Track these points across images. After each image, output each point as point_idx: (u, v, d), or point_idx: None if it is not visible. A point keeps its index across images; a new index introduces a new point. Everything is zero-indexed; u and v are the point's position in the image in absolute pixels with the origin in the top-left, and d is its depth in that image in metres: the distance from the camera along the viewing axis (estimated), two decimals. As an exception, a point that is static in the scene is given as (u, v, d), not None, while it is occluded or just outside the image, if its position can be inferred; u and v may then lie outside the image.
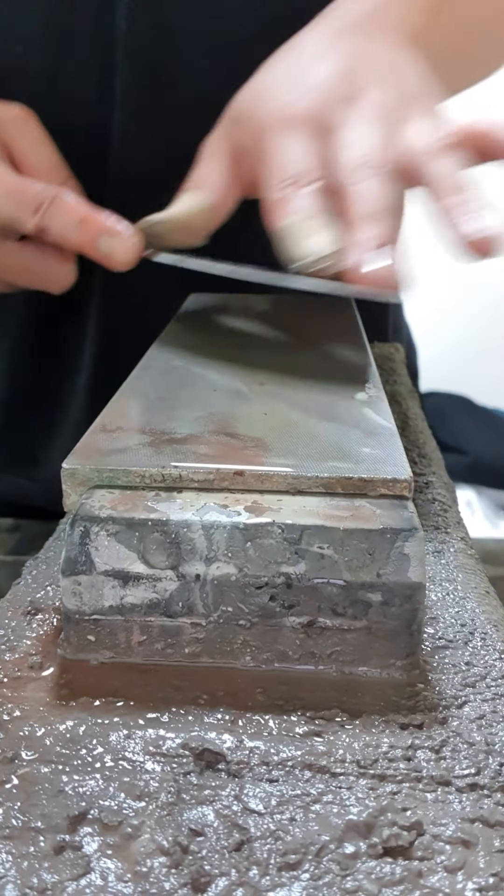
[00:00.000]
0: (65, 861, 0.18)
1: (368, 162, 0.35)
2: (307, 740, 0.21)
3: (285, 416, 0.30)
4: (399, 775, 0.20)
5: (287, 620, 0.24)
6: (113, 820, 0.19)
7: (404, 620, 0.23)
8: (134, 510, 0.24)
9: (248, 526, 0.23)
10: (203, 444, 0.27)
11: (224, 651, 0.24)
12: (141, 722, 0.22)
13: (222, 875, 0.17)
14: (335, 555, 0.23)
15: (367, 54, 0.39)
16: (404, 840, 0.18)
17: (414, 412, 0.47)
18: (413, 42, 0.41)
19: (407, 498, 0.25)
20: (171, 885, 0.17)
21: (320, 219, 0.35)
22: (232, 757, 0.21)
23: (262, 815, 0.19)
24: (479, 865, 0.18)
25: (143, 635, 0.24)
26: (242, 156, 0.40)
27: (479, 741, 0.21)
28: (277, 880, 0.17)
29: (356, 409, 0.31)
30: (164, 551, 0.23)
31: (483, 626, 0.26)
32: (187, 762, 0.20)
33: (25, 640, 0.25)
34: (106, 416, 0.30)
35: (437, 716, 0.22)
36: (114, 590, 0.24)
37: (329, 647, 0.24)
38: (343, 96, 0.37)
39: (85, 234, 0.40)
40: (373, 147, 0.35)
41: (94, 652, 0.24)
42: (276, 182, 0.36)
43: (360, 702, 0.23)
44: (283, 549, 0.23)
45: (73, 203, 0.40)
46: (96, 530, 0.24)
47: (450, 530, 0.33)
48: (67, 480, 0.26)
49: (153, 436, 0.28)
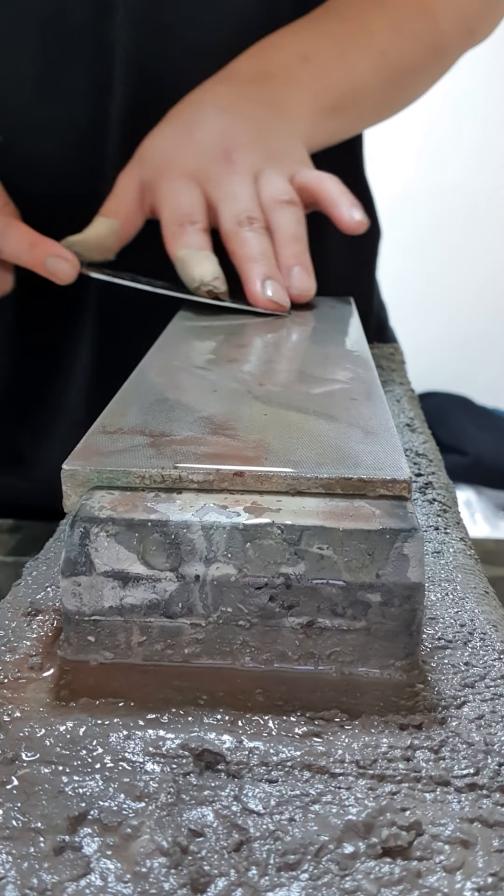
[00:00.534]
0: (65, 862, 0.18)
1: (246, 218, 0.47)
2: (306, 741, 0.21)
3: (285, 416, 0.30)
4: (398, 775, 0.20)
5: (286, 621, 0.24)
6: (113, 820, 0.19)
7: (403, 621, 0.23)
8: (134, 511, 0.24)
9: (248, 527, 0.23)
10: (203, 445, 0.27)
11: (224, 651, 0.24)
12: (141, 723, 0.22)
13: (222, 875, 0.17)
14: (334, 555, 0.23)
15: (246, 118, 0.51)
16: (403, 840, 0.18)
17: (413, 412, 0.47)
18: (286, 108, 0.53)
19: (406, 498, 0.25)
20: (170, 885, 0.17)
21: (206, 252, 0.48)
22: (231, 757, 0.21)
23: (262, 816, 0.19)
24: (478, 865, 0.18)
25: (143, 636, 0.24)
26: (147, 190, 0.51)
27: (478, 741, 0.21)
28: (277, 880, 0.17)
29: (355, 410, 0.31)
30: (163, 552, 0.23)
31: (482, 626, 0.26)
32: (187, 763, 0.20)
33: (25, 641, 0.25)
34: (106, 417, 0.30)
35: (437, 716, 0.22)
36: (113, 591, 0.24)
37: (328, 648, 0.24)
38: (220, 155, 0.50)
39: (35, 255, 0.49)
40: (245, 203, 0.48)
41: (94, 653, 0.24)
42: (173, 219, 0.48)
43: (359, 702, 0.23)
44: (283, 549, 0.23)
45: (25, 229, 0.49)
46: (96, 531, 0.24)
47: (449, 531, 0.33)
48: (67, 481, 0.26)
49: (153, 437, 0.28)
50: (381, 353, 0.58)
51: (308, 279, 0.48)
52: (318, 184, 0.49)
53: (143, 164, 0.52)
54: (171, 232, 0.48)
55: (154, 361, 0.37)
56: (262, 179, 0.49)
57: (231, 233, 0.47)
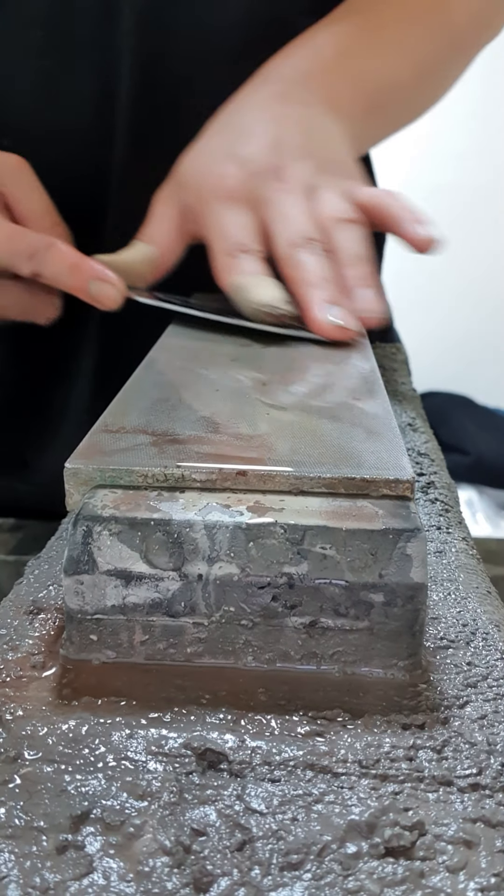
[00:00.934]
0: (67, 861, 0.18)
1: (303, 240, 0.42)
2: (309, 740, 0.21)
3: (287, 416, 0.30)
4: (401, 775, 0.20)
5: (289, 621, 0.24)
6: (115, 819, 0.19)
7: (406, 621, 0.23)
8: (136, 510, 0.24)
9: (251, 526, 0.23)
10: (206, 444, 0.27)
11: (226, 651, 0.24)
12: (143, 721, 0.22)
13: (224, 875, 0.17)
14: (337, 555, 0.23)
15: (292, 128, 0.46)
16: (406, 840, 0.18)
17: (415, 412, 0.47)
18: (334, 106, 0.48)
19: (409, 498, 0.25)
20: (173, 884, 0.17)
21: (266, 277, 0.42)
22: (234, 757, 0.21)
23: (264, 815, 0.19)
24: (481, 865, 0.18)
25: (146, 635, 0.24)
26: (187, 215, 0.46)
27: (481, 741, 0.21)
28: (279, 880, 0.17)
29: (358, 410, 0.31)
30: (166, 551, 0.23)
31: (485, 626, 0.26)
32: (189, 762, 0.20)
33: (28, 639, 0.25)
34: (108, 416, 0.30)
35: (439, 716, 0.22)
36: (116, 589, 0.24)
37: (331, 648, 0.24)
38: (269, 172, 0.44)
39: (77, 279, 0.44)
40: (301, 224, 0.43)
41: (97, 651, 0.24)
42: (224, 250, 0.43)
43: (362, 702, 0.23)
44: (286, 549, 0.23)
45: (66, 250, 0.44)
46: (99, 530, 0.24)
47: (451, 530, 0.33)
48: (70, 480, 0.26)
49: (156, 436, 0.28)
50: (384, 352, 0.58)
51: (380, 301, 0.42)
52: (378, 201, 0.45)
53: (182, 187, 0.47)
54: (224, 264, 0.43)
55: (157, 360, 0.37)
56: (317, 196, 0.44)
57: (287, 257, 0.42)
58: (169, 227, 0.47)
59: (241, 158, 0.45)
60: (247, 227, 0.43)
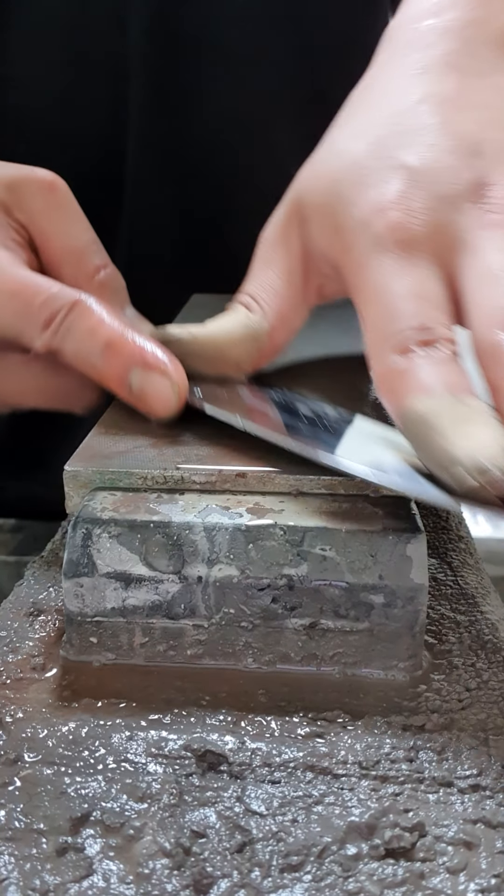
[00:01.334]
0: (67, 863, 0.18)
1: None
2: (309, 741, 0.21)
3: None
4: (401, 776, 0.20)
5: (289, 622, 0.24)
6: (115, 822, 0.19)
7: (406, 622, 0.23)
8: (136, 512, 0.24)
9: (250, 528, 0.23)
10: (205, 446, 0.27)
11: (226, 653, 0.24)
12: (143, 723, 0.22)
13: (224, 877, 0.17)
14: (337, 556, 0.23)
15: (486, 114, 0.29)
16: (406, 841, 0.18)
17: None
18: None
19: (409, 499, 0.25)
20: (173, 886, 0.17)
21: (472, 401, 0.24)
22: (234, 758, 0.21)
23: (264, 817, 0.19)
24: (481, 867, 0.18)
25: (146, 637, 0.24)
26: (319, 265, 0.30)
27: (481, 742, 0.21)
28: (279, 882, 0.17)
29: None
30: (166, 553, 0.23)
31: (485, 626, 0.26)
32: (189, 764, 0.20)
33: (28, 641, 0.25)
34: (108, 419, 0.30)
35: (440, 717, 0.22)
36: (116, 592, 0.24)
37: (331, 649, 0.24)
38: (463, 192, 0.27)
39: (112, 363, 0.29)
40: None
41: (97, 654, 0.24)
42: (391, 335, 0.25)
43: (362, 703, 0.23)
44: (285, 550, 0.23)
45: (98, 317, 0.29)
46: (98, 532, 0.24)
47: (451, 531, 0.33)
48: (70, 483, 0.26)
49: (155, 438, 0.28)
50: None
51: None
52: None
53: (309, 215, 0.30)
54: (391, 368, 0.25)
55: None
56: None
57: (493, 346, 0.24)
58: (286, 285, 0.31)
59: (413, 169, 0.28)
60: (431, 297, 0.26)
